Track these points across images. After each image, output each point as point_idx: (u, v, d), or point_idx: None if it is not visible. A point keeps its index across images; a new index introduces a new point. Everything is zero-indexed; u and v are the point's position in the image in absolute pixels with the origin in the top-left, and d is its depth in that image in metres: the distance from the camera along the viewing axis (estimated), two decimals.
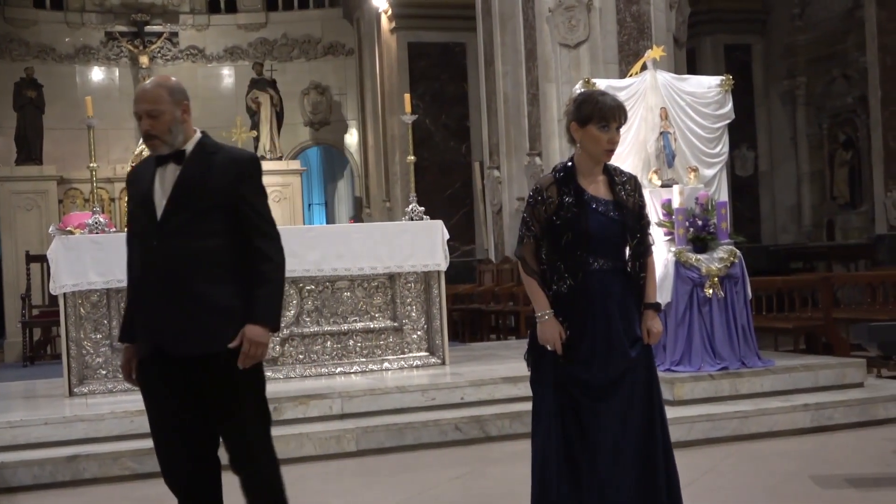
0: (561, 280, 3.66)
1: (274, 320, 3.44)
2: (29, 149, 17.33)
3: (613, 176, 3.74)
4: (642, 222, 3.78)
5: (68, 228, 7.51)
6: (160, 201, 3.43)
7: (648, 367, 3.72)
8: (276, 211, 17.19)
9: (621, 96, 7.67)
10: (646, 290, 3.77)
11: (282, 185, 17.88)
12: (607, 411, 3.59)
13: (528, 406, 6.62)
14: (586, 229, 3.61)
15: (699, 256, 7.22)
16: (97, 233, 7.37)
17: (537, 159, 11.81)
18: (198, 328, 3.36)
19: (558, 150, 11.15)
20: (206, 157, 3.48)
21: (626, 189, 3.73)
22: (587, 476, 3.58)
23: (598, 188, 3.70)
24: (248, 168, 3.53)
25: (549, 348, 3.63)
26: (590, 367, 3.61)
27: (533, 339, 3.73)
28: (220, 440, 3.54)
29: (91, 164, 7.90)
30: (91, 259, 7.16)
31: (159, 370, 3.42)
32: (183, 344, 3.37)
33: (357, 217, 19.63)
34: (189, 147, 3.48)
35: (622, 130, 3.76)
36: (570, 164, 3.73)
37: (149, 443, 3.59)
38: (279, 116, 18.51)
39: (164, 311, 3.37)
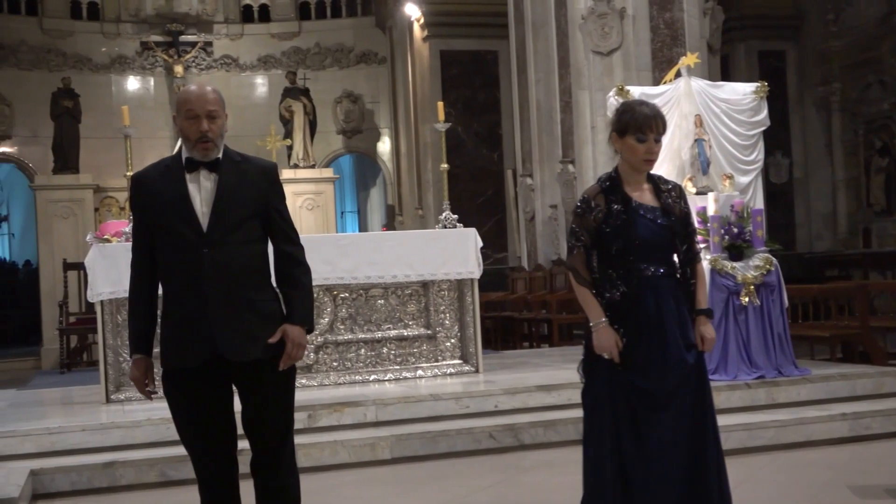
0: (614, 288, 3.68)
1: (310, 322, 3.53)
2: (65, 158, 17.54)
3: (658, 184, 3.77)
4: (689, 229, 3.80)
5: (105, 237, 7.57)
6: (201, 209, 3.42)
7: (702, 373, 3.73)
8: (309, 219, 17.52)
9: (655, 103, 7.69)
10: (696, 297, 3.78)
11: (315, 193, 17.98)
12: (666, 420, 3.60)
13: (563, 414, 6.68)
14: (636, 236, 3.63)
15: (735, 264, 7.17)
16: None
17: (570, 167, 11.79)
18: (254, 333, 3.40)
19: (591, 158, 11.12)
20: (236, 166, 3.50)
21: (671, 196, 3.75)
22: (640, 484, 3.60)
23: (643, 196, 3.72)
24: (275, 177, 3.61)
25: (605, 357, 3.64)
26: (647, 375, 3.62)
27: (588, 349, 3.73)
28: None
29: (128, 173, 7.97)
30: (127, 267, 7.13)
31: (200, 378, 3.42)
32: (242, 349, 3.39)
33: (389, 225, 19.68)
34: (220, 155, 3.50)
35: None
36: (614, 173, 3.76)
37: (183, 450, 3.60)
38: (312, 125, 18.62)
39: (221, 318, 3.38)
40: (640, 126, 3.66)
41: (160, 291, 3.54)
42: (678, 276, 3.74)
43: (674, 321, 3.66)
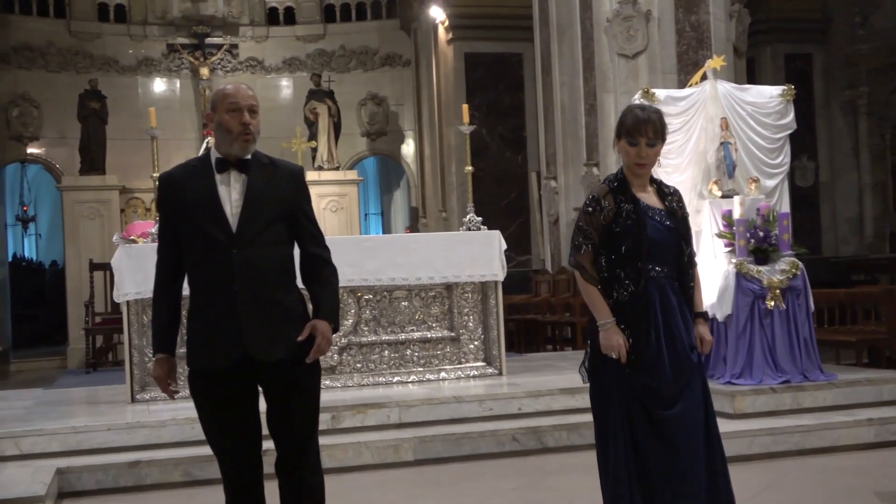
0: (622, 288, 3.68)
1: (337, 319, 3.55)
2: (92, 159, 17.67)
3: (661, 187, 3.83)
4: (689, 234, 3.84)
5: (132, 237, 7.64)
6: (230, 209, 3.44)
7: (702, 374, 3.78)
8: (333, 220, 17.58)
9: (681, 106, 7.66)
10: (694, 299, 3.83)
11: (339, 194, 18.03)
12: (680, 419, 3.63)
13: (587, 418, 6.61)
14: (646, 237, 3.65)
15: (760, 268, 7.14)
16: None
17: (594, 170, 11.76)
18: (281, 334, 3.42)
19: (615, 161, 11.09)
20: (264, 168, 3.52)
21: (674, 200, 3.81)
22: (661, 483, 3.61)
23: (649, 198, 3.77)
24: (302, 179, 3.64)
25: (613, 356, 3.63)
26: (658, 375, 3.63)
27: (594, 349, 3.73)
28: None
29: (154, 174, 8.01)
30: (153, 267, 7.24)
31: (227, 378, 3.44)
32: (270, 349, 3.41)
33: (413, 227, 19.70)
34: (248, 156, 3.51)
35: (680, 141, 3.79)
36: (620, 174, 3.80)
37: (208, 450, 3.61)
38: (337, 127, 18.66)
39: (250, 318, 3.39)
40: (630, 130, 3.72)
41: (185, 291, 3.55)
42: (679, 278, 3.78)
43: (680, 321, 3.70)
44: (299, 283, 3.57)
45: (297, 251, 3.60)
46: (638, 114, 3.75)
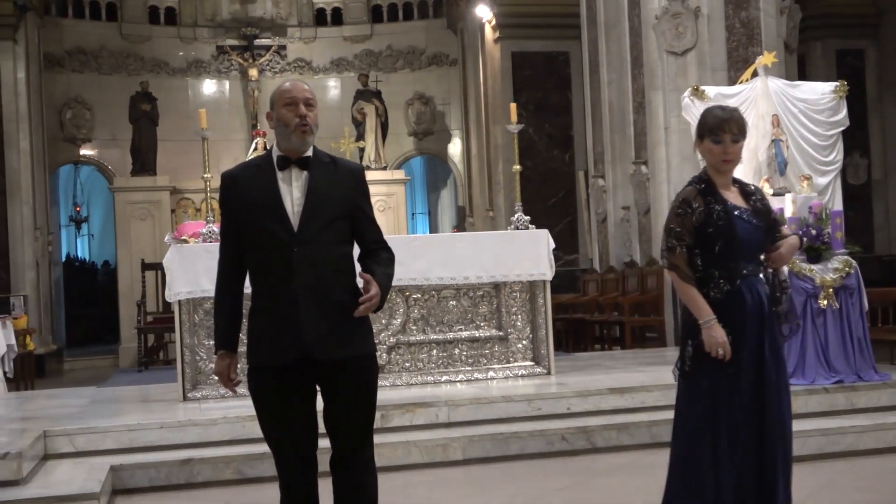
0: (716, 287, 3.76)
1: (386, 293, 3.49)
2: (143, 160, 17.93)
3: (743, 186, 3.89)
4: (778, 224, 3.95)
5: (183, 237, 7.71)
6: (292, 207, 3.45)
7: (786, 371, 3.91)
8: (381, 220, 17.43)
9: (731, 104, 7.58)
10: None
11: (386, 194, 18.09)
12: (769, 415, 3.73)
13: (635, 417, 6.63)
14: (737, 236, 3.73)
15: (813, 267, 7.05)
16: (210, 241, 7.55)
17: (643, 168, 11.69)
18: (341, 333, 3.43)
19: (664, 159, 11.03)
20: (325, 166, 3.53)
21: (757, 197, 3.87)
22: (746, 481, 3.71)
23: (735, 198, 3.82)
24: (363, 179, 3.64)
25: (719, 353, 3.68)
26: (757, 372, 3.73)
27: (696, 347, 3.76)
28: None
29: (205, 175, 8.10)
30: (204, 267, 7.32)
31: (287, 376, 3.45)
32: (331, 348, 3.42)
33: (460, 226, 19.72)
34: (309, 153, 3.53)
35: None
36: (705, 175, 3.85)
37: (259, 448, 3.64)
38: (384, 127, 18.74)
39: (311, 316, 3.40)
40: (713, 128, 3.78)
41: (247, 289, 3.58)
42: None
43: (770, 317, 3.78)
44: (359, 281, 3.57)
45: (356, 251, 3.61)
46: (719, 113, 3.83)
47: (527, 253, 7.98)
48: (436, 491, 5.81)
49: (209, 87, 19.90)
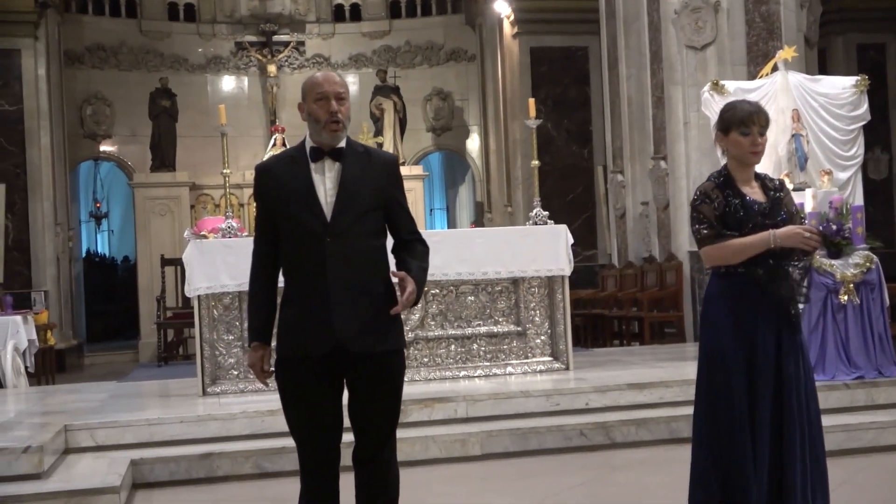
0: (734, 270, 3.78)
1: (422, 286, 3.49)
2: (163, 156, 18.00)
3: (765, 181, 3.88)
4: (799, 215, 4.00)
5: (202, 233, 7.73)
6: (325, 198, 3.44)
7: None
8: None
9: (751, 98, 7.55)
10: None
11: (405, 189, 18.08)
12: (790, 406, 3.79)
13: (654, 413, 6.62)
14: (752, 230, 3.72)
15: (834, 262, 7.01)
16: (230, 237, 7.58)
17: (662, 163, 11.66)
18: (372, 326, 3.42)
19: (684, 154, 10.99)
20: (359, 157, 3.51)
21: (780, 192, 3.86)
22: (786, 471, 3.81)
23: (755, 193, 3.82)
24: (397, 170, 3.62)
25: (805, 237, 3.66)
26: (776, 363, 3.76)
27: (804, 269, 3.76)
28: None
29: (224, 171, 8.13)
30: (223, 263, 7.37)
31: (315, 367, 3.44)
32: (362, 341, 3.41)
33: (478, 222, 19.71)
34: (343, 144, 3.52)
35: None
36: (724, 171, 3.86)
37: (278, 442, 3.64)
38: (402, 122, 18.75)
39: (343, 309, 3.39)
40: (742, 120, 3.76)
41: (280, 281, 3.57)
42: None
43: (785, 312, 3.78)
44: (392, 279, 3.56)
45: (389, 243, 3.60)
46: (746, 106, 3.83)
47: (545, 248, 7.97)
48: (454, 486, 5.81)
49: (228, 83, 19.96)
